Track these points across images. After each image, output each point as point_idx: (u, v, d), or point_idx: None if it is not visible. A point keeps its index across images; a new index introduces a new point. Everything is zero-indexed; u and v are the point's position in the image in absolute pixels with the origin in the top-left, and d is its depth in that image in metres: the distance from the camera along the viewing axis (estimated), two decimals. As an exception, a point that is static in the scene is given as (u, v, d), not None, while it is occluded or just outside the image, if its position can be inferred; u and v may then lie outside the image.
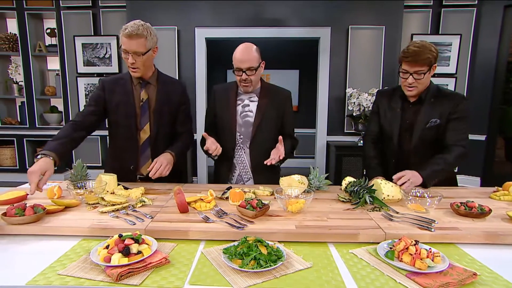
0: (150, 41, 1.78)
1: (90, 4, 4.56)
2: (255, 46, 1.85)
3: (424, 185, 1.65)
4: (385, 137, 1.97)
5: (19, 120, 5.04)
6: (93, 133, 1.89)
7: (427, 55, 1.67)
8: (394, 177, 1.63)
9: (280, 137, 1.79)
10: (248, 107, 1.94)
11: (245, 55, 1.80)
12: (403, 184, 1.58)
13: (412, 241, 1.05)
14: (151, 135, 1.90)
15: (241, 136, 1.95)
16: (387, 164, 1.97)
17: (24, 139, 4.86)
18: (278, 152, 1.78)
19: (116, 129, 1.92)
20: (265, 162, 1.76)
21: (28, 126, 4.89)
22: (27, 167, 4.90)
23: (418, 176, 1.63)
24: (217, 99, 2.02)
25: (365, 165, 2.03)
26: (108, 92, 1.88)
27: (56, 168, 1.57)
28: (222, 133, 1.97)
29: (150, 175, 1.74)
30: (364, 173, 2.06)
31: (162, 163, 1.76)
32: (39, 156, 1.51)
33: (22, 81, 4.82)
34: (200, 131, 4.58)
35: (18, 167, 4.92)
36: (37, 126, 4.89)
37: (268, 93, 1.94)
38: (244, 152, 1.97)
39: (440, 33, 4.45)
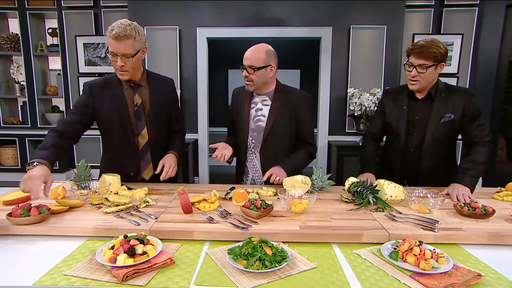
0: (139, 42, 1.65)
1: (92, 4, 4.55)
2: (267, 48, 1.80)
3: None
4: (391, 136, 1.98)
5: (20, 119, 5.04)
6: (92, 133, 1.84)
7: (433, 50, 1.68)
8: (461, 199, 1.58)
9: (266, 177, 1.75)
10: (261, 111, 1.90)
11: (251, 53, 1.78)
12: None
13: (416, 242, 1.06)
14: (150, 139, 1.84)
15: (253, 141, 1.93)
16: (392, 164, 1.98)
17: (26, 139, 4.87)
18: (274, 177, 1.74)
19: (111, 136, 1.83)
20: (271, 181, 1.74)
21: (29, 125, 4.90)
22: (29, 167, 4.91)
23: (466, 188, 1.63)
24: (235, 102, 2.02)
25: (361, 160, 2.05)
26: (97, 98, 1.75)
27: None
28: (237, 137, 1.98)
29: (161, 178, 1.73)
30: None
31: (171, 165, 1.75)
32: (35, 164, 1.44)
33: (23, 81, 4.83)
34: (201, 131, 4.59)
35: (19, 167, 4.93)
36: (38, 125, 4.90)
37: (281, 96, 1.87)
38: (255, 157, 1.95)
39: (441, 32, 4.43)
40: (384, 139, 2.10)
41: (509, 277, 0.99)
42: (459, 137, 1.90)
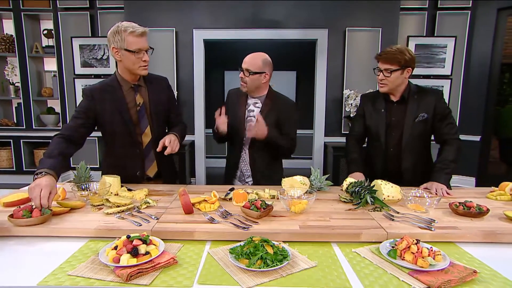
0: None
1: (88, 6, 4.55)
2: (264, 57, 1.97)
3: None
4: (371, 138, 2.09)
5: (15, 121, 5.01)
6: (90, 134, 1.83)
7: (396, 56, 1.83)
8: (439, 193, 1.72)
9: (257, 115, 1.90)
10: (252, 112, 2.07)
11: (250, 58, 1.97)
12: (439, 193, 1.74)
13: (413, 240, 1.08)
14: (153, 137, 1.89)
15: (244, 138, 2.09)
16: (375, 165, 2.07)
17: (21, 141, 4.84)
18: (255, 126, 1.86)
19: (114, 138, 1.86)
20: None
21: (24, 127, 4.86)
22: (24, 169, 4.88)
23: (442, 185, 1.77)
24: (229, 102, 2.16)
25: (348, 161, 2.12)
26: (99, 101, 1.78)
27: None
28: (231, 133, 2.08)
29: (166, 152, 1.74)
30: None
31: (171, 139, 1.76)
32: (43, 173, 1.41)
33: (18, 82, 4.80)
34: (197, 133, 4.60)
35: (14, 169, 4.90)
36: (34, 127, 4.87)
37: (270, 101, 2.05)
38: (244, 153, 2.11)
39: (435, 35, 4.51)
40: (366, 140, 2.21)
41: (503, 273, 1.02)
42: (433, 136, 2.03)
